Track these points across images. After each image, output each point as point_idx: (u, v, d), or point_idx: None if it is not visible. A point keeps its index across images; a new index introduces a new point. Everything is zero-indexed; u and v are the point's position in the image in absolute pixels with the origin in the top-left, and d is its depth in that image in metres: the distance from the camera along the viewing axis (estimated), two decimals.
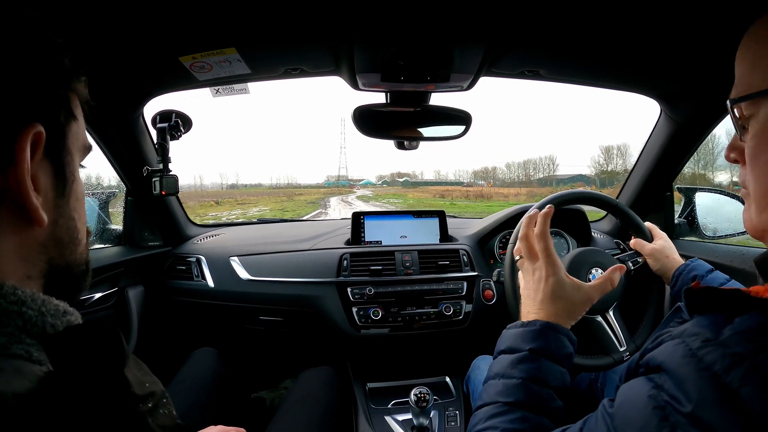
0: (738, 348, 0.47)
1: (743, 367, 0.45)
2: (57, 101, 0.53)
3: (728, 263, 1.64)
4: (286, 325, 1.98)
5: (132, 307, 1.84)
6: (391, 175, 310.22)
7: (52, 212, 0.53)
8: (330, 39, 1.25)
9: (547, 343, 0.83)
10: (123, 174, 1.86)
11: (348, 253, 1.96)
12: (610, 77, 1.58)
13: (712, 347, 0.48)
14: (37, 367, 0.43)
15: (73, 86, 0.57)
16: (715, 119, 1.68)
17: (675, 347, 0.52)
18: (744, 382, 0.44)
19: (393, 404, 1.79)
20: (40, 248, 0.52)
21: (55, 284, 0.54)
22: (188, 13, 1.08)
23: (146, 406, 0.46)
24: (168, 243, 2.14)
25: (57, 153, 0.53)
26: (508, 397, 0.79)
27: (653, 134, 1.91)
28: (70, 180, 0.56)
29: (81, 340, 0.43)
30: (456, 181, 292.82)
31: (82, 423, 0.39)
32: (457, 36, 1.21)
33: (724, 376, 0.46)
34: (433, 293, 1.89)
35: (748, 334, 0.47)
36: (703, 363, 0.48)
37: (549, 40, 1.28)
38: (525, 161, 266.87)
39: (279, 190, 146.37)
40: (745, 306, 0.50)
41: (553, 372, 0.81)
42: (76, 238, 0.58)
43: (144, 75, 1.45)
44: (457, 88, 1.51)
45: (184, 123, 1.65)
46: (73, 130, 0.56)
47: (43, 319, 0.47)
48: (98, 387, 0.41)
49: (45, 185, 0.51)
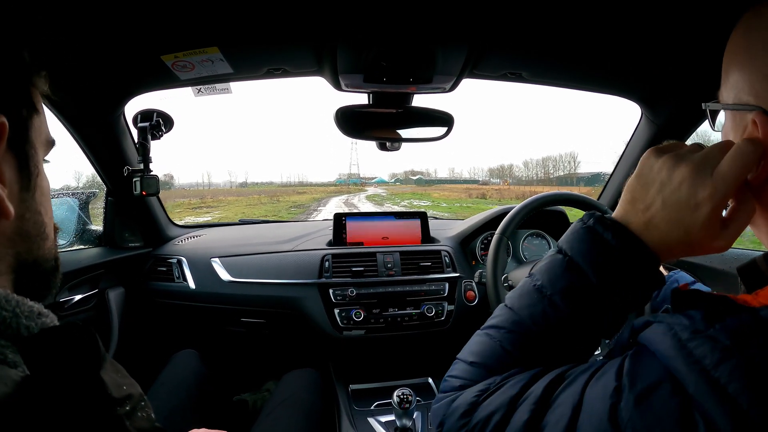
0: (727, 342, 0.46)
1: (732, 363, 0.45)
2: (18, 94, 0.53)
3: (709, 264, 1.66)
4: (268, 326, 1.97)
5: (112, 309, 1.82)
6: (404, 173, 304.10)
7: (18, 205, 0.52)
8: (313, 39, 1.25)
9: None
10: (103, 174, 1.84)
11: (330, 254, 1.96)
12: (592, 80, 1.60)
13: (701, 339, 0.48)
14: (13, 371, 0.42)
15: (33, 80, 0.56)
16: (693, 123, 1.70)
17: (665, 333, 0.51)
18: (733, 377, 0.44)
19: (376, 405, 1.79)
20: (7, 242, 0.52)
21: (25, 281, 0.53)
22: (170, 11, 1.07)
23: (124, 408, 0.46)
24: (149, 244, 2.12)
25: (20, 146, 0.53)
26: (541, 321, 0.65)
27: (634, 137, 1.93)
28: (35, 173, 0.55)
29: (56, 343, 0.43)
30: (471, 179, 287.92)
31: (59, 426, 0.39)
32: (439, 37, 1.22)
33: (714, 371, 0.45)
34: (415, 294, 1.90)
35: (738, 330, 0.47)
36: (692, 356, 0.47)
37: (531, 42, 1.29)
38: (544, 158, 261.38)
39: (254, 188, 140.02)
40: (733, 311, 0.49)
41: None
42: (44, 233, 0.57)
43: (125, 74, 1.43)
44: (440, 89, 1.51)
45: (165, 122, 1.64)
46: (35, 124, 0.56)
47: (17, 321, 0.46)
48: (75, 390, 0.41)
49: (10, 178, 0.51)
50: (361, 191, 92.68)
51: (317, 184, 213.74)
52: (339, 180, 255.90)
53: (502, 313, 0.71)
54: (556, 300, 0.63)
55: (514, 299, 0.71)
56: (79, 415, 0.40)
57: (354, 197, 56.61)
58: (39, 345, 0.43)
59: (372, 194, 68.28)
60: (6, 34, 0.52)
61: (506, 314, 0.70)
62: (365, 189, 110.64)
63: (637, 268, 0.61)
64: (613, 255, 0.61)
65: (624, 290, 0.61)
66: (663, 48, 1.27)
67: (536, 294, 0.66)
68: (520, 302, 0.69)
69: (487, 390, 0.63)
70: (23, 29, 0.54)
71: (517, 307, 0.69)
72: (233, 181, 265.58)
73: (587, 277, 0.62)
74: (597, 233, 0.63)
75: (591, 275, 0.61)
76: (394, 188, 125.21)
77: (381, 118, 1.57)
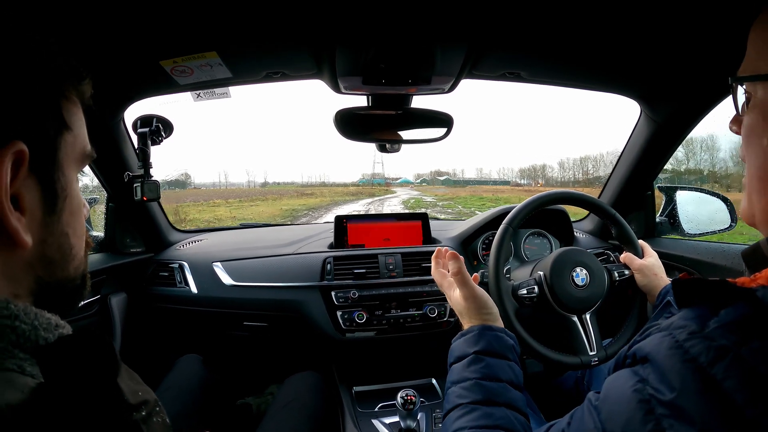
0: (722, 340, 0.47)
1: (727, 360, 0.46)
2: (43, 114, 0.50)
3: (710, 260, 1.66)
4: (271, 330, 1.97)
5: (115, 315, 1.82)
6: (430, 173, 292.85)
7: (39, 231, 0.50)
8: (311, 42, 1.25)
9: (488, 343, 0.94)
10: (104, 179, 1.84)
11: (331, 256, 1.95)
12: (591, 79, 1.60)
13: (697, 339, 0.49)
14: (30, 379, 0.42)
15: (66, 93, 0.54)
16: (693, 120, 1.70)
17: (662, 339, 0.53)
18: (727, 374, 0.45)
19: (380, 407, 1.78)
20: (26, 267, 0.50)
21: (46, 301, 0.52)
22: (169, 17, 1.08)
23: (140, 414, 0.46)
24: (150, 249, 2.12)
25: (45, 169, 0.50)
26: (466, 398, 0.86)
27: (633, 134, 1.93)
28: (62, 196, 0.53)
29: (73, 351, 0.42)
30: (501, 180, 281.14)
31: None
32: (437, 38, 1.22)
33: (709, 368, 0.46)
34: (417, 295, 1.90)
35: (732, 326, 0.48)
36: (688, 355, 0.49)
37: (530, 42, 1.29)
38: (582, 158, 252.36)
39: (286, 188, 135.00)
40: (731, 296, 0.51)
41: (500, 366, 0.90)
42: (69, 255, 0.55)
43: (124, 79, 1.44)
44: (439, 90, 1.51)
45: (165, 128, 1.63)
46: (67, 141, 0.53)
47: (36, 333, 0.46)
48: (92, 396, 0.41)
49: (31, 204, 0.49)
50: (387, 193, 76.56)
51: (339, 185, 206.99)
52: (362, 180, 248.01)
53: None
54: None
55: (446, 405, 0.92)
56: (97, 421, 0.40)
57: (381, 202, 41.74)
58: (55, 353, 0.42)
59: (408, 198, 47.75)
60: (31, 51, 0.49)
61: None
62: (393, 191, 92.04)
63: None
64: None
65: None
66: (661, 45, 1.27)
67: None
68: (448, 401, 0.92)
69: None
70: (44, 35, 0.51)
71: (450, 402, 0.91)
72: (252, 181, 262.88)
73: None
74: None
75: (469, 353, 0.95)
76: (432, 190, 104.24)
77: (381, 120, 1.57)
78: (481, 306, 1.04)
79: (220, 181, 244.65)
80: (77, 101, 0.56)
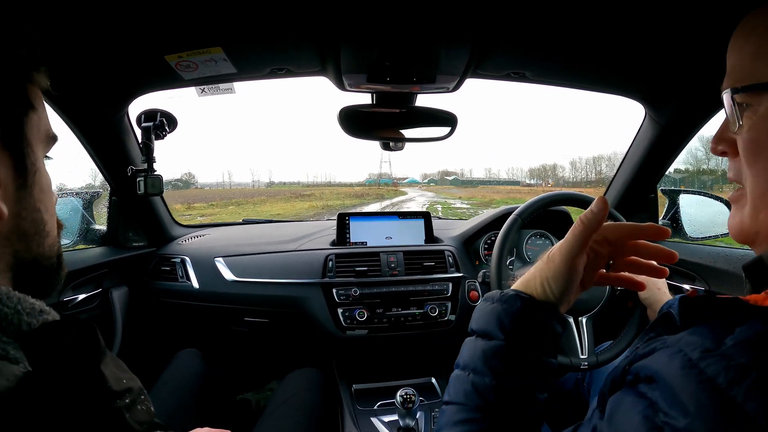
0: (741, 359, 0.43)
1: (749, 380, 0.42)
2: (11, 92, 0.53)
3: (712, 264, 1.65)
4: (272, 326, 1.97)
5: (116, 309, 1.82)
6: (438, 173, 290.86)
7: (13, 204, 0.53)
8: (316, 39, 1.25)
9: (528, 327, 0.73)
10: (107, 173, 1.84)
11: (333, 253, 1.96)
12: (595, 80, 1.59)
13: (713, 358, 0.45)
14: (15, 366, 0.43)
15: (31, 77, 0.57)
16: (698, 122, 1.69)
17: (671, 357, 0.48)
18: (750, 395, 0.41)
19: (379, 405, 1.79)
20: (4, 241, 0.52)
21: (25, 278, 0.54)
22: (174, 12, 1.08)
23: (123, 401, 0.46)
24: (152, 243, 2.12)
25: (15, 144, 0.53)
26: (477, 399, 0.69)
27: (637, 136, 1.92)
28: (32, 171, 0.56)
29: (57, 337, 0.43)
30: (510, 180, 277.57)
31: (60, 418, 0.39)
32: (442, 37, 1.22)
33: (728, 390, 0.42)
34: (418, 294, 1.90)
35: (750, 343, 0.44)
36: (704, 375, 0.44)
37: (534, 42, 1.29)
38: (595, 158, 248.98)
39: (308, 188, 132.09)
40: (744, 315, 0.47)
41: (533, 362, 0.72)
42: (43, 230, 0.58)
43: (129, 74, 1.44)
44: (443, 89, 1.51)
45: (169, 122, 1.64)
46: (32, 121, 0.56)
47: (19, 317, 0.47)
48: (75, 383, 0.41)
49: (4, 177, 0.51)
50: (397, 194, 68.17)
51: (344, 185, 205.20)
52: (368, 180, 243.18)
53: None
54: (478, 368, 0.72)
55: (451, 392, 0.77)
56: (80, 407, 0.41)
57: (393, 206, 31.04)
58: (40, 339, 0.43)
59: (430, 202, 40.83)
60: (2, 34, 0.52)
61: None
62: (403, 191, 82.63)
63: (530, 316, 0.73)
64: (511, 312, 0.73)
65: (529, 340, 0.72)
66: (665, 47, 1.27)
67: (462, 373, 0.76)
68: (455, 390, 0.76)
69: None
70: (16, 26, 0.54)
71: (453, 395, 0.76)
72: (257, 181, 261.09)
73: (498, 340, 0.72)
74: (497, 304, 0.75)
75: (499, 336, 0.72)
76: (442, 191, 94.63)
77: (384, 118, 1.57)
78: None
79: (223, 180, 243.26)
80: (38, 86, 0.59)
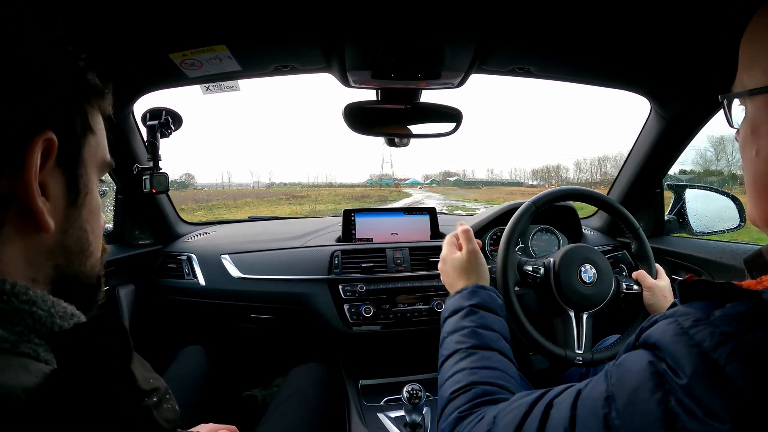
0: (726, 327, 0.48)
1: (730, 345, 0.47)
2: (73, 113, 0.54)
3: (718, 259, 1.65)
4: (278, 323, 1.97)
5: (123, 306, 1.83)
6: (440, 174, 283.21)
7: (61, 220, 0.53)
8: (320, 36, 1.25)
9: (481, 299, 1.05)
10: (113, 172, 1.85)
11: (339, 250, 1.96)
12: (600, 74, 1.59)
13: (702, 326, 0.50)
14: (44, 365, 0.44)
15: (93, 101, 0.58)
16: (704, 117, 1.69)
17: (667, 326, 0.55)
18: (730, 359, 0.46)
19: (385, 401, 1.79)
20: (46, 254, 0.53)
21: (63, 293, 0.54)
22: (179, 9, 1.08)
23: (151, 400, 0.47)
24: (158, 241, 2.13)
25: (70, 163, 0.54)
26: (464, 344, 0.96)
27: (643, 132, 1.92)
28: (83, 192, 0.56)
29: (87, 337, 0.44)
30: (513, 181, 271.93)
31: (91, 416, 0.40)
32: (447, 33, 1.22)
33: (713, 352, 0.48)
34: (424, 290, 1.90)
35: (738, 316, 0.49)
36: (693, 340, 0.50)
37: (539, 37, 1.29)
38: (600, 158, 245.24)
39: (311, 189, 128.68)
40: (737, 295, 0.52)
41: (493, 320, 1.02)
42: (87, 250, 0.59)
43: (134, 72, 1.44)
44: (448, 85, 1.51)
45: (174, 120, 1.64)
46: (90, 144, 0.57)
47: (52, 320, 0.48)
48: (106, 381, 0.42)
49: (55, 193, 0.52)
50: (401, 196, 63.33)
51: (346, 185, 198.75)
52: (370, 181, 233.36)
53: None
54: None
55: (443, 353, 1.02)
56: (110, 405, 0.41)
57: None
58: (70, 339, 0.44)
59: (450, 205, 36.27)
60: (68, 53, 0.54)
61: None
62: (407, 193, 77.76)
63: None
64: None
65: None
66: (671, 40, 1.26)
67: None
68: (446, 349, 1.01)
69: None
70: (87, 48, 0.56)
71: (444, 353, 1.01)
72: (257, 181, 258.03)
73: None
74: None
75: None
76: (450, 192, 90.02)
77: (389, 114, 1.57)
78: (480, 264, 1.16)
79: (223, 181, 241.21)
80: (99, 112, 0.61)
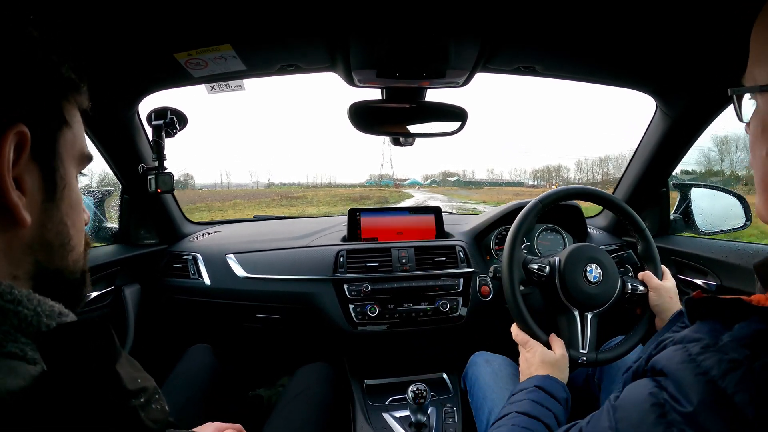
0: (734, 354, 0.47)
1: (738, 373, 0.46)
2: (46, 106, 0.54)
3: (724, 259, 1.65)
4: (283, 322, 1.97)
5: (128, 306, 1.83)
6: (440, 174, 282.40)
7: (39, 215, 0.53)
8: (325, 35, 1.25)
9: (548, 384, 1.07)
10: (118, 172, 1.86)
11: (344, 249, 1.96)
12: (606, 73, 1.58)
13: (710, 353, 0.49)
14: (32, 366, 0.44)
15: (69, 95, 0.58)
16: (709, 115, 1.68)
17: (675, 352, 0.54)
18: (738, 387, 0.45)
19: (390, 401, 1.79)
20: (25, 249, 0.53)
21: (46, 289, 0.54)
22: (183, 9, 1.08)
23: (138, 400, 0.47)
24: (164, 241, 2.14)
25: (46, 157, 0.54)
26: (519, 408, 1.01)
27: (648, 130, 1.91)
28: (61, 186, 0.56)
29: (73, 337, 0.44)
30: (513, 181, 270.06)
31: (76, 418, 0.40)
32: (452, 32, 1.22)
33: (720, 381, 0.47)
34: (429, 290, 1.89)
35: (745, 340, 0.48)
36: (700, 368, 0.49)
37: (544, 36, 1.28)
38: (602, 158, 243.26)
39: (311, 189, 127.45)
40: (745, 313, 0.51)
41: (552, 401, 1.03)
42: (68, 244, 0.58)
43: (139, 72, 1.44)
44: (453, 84, 1.51)
45: (179, 120, 1.64)
46: (66, 137, 0.57)
47: (38, 319, 0.48)
48: (90, 382, 0.42)
49: (31, 187, 0.52)
50: (403, 197, 60.61)
51: (346, 185, 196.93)
52: (369, 181, 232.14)
53: None
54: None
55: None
56: (95, 406, 0.41)
57: None
58: (56, 339, 0.44)
59: (456, 206, 33.44)
60: (40, 47, 0.53)
61: None
62: (408, 194, 74.64)
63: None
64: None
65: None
66: (676, 38, 1.26)
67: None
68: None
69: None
70: (62, 42, 0.55)
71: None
72: (256, 182, 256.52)
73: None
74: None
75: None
76: (454, 193, 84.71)
77: (394, 113, 1.57)
78: (566, 368, 1.18)
79: (221, 182, 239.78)
80: (76, 105, 0.60)
